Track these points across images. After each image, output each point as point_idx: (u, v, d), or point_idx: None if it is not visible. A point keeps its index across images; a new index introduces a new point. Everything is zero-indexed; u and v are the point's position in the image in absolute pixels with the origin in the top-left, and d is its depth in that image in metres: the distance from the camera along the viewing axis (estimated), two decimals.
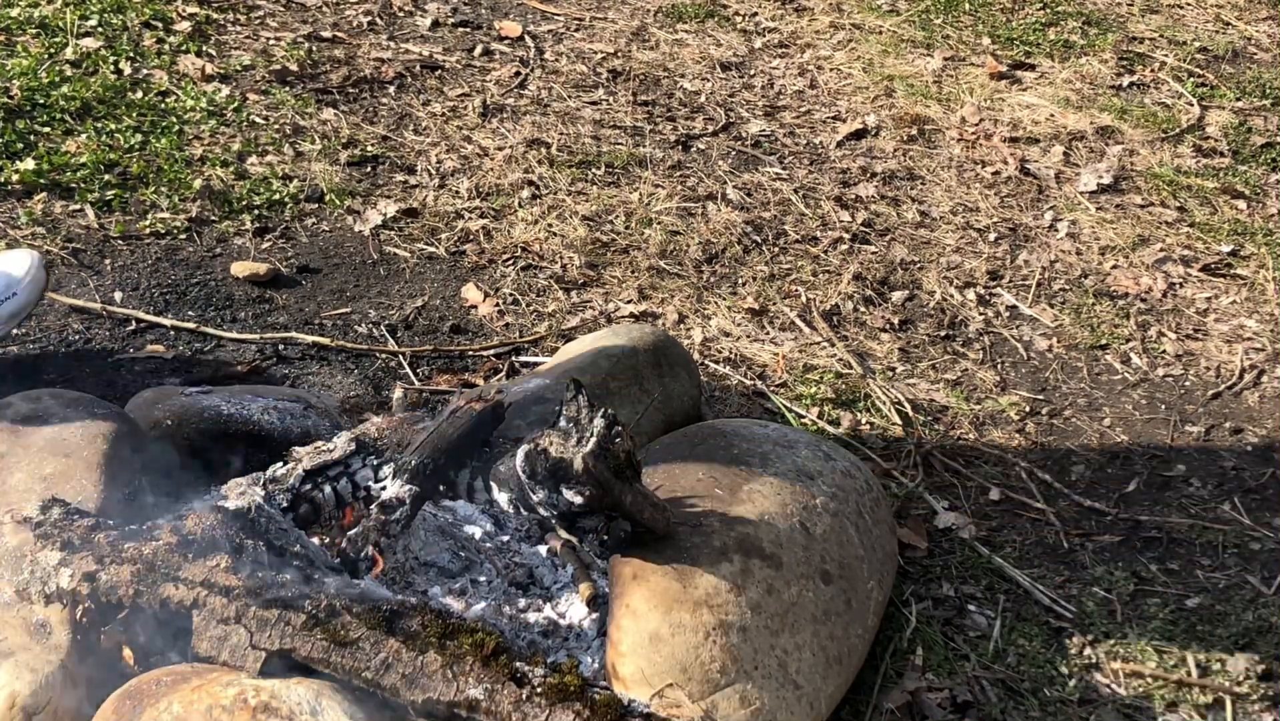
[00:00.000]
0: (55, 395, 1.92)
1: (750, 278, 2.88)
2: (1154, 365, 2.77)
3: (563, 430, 1.63)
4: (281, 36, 3.62)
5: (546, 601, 1.74)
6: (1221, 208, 3.37)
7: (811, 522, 1.80)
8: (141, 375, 2.35)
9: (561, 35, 3.94)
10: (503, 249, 2.85)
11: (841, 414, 2.49)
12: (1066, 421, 2.58)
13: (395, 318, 2.62)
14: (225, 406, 1.98)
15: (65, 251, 2.63)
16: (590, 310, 2.70)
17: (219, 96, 3.25)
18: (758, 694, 1.62)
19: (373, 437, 1.81)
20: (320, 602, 1.52)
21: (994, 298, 2.93)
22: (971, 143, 3.57)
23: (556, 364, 2.25)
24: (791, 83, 3.83)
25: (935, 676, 1.94)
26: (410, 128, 3.29)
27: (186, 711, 1.42)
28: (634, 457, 1.65)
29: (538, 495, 1.64)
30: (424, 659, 1.48)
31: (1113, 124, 3.73)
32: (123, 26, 3.49)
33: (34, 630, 1.56)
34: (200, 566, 1.54)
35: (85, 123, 3.02)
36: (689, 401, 2.27)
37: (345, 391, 2.37)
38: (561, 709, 1.44)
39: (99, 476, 1.75)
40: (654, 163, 3.28)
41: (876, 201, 3.24)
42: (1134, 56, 4.21)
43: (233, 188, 2.91)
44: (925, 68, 3.98)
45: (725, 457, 1.89)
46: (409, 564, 1.77)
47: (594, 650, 1.68)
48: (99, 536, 1.56)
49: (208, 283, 2.63)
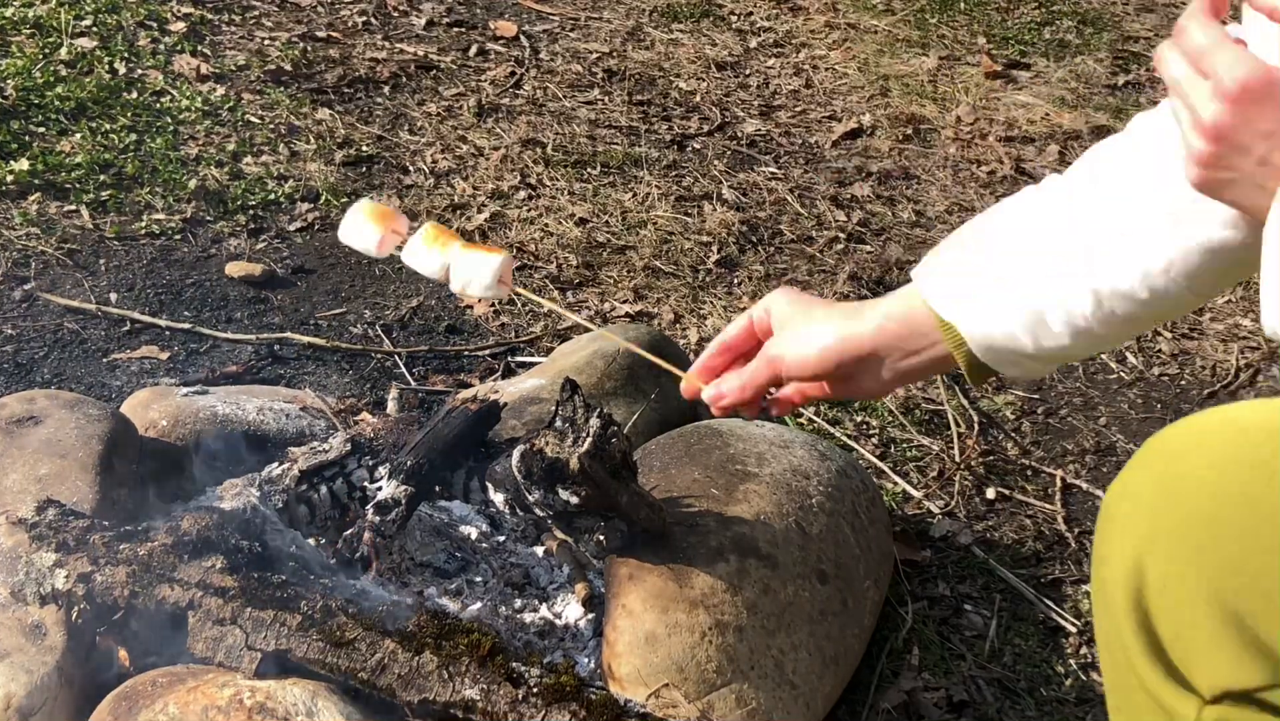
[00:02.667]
0: (50, 396, 1.92)
1: (746, 277, 2.88)
2: (1150, 364, 2.77)
3: (558, 430, 1.62)
4: (276, 36, 3.61)
5: (542, 601, 1.74)
6: None
7: (808, 522, 1.80)
8: (137, 376, 2.35)
9: (556, 35, 3.94)
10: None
11: (837, 413, 2.49)
12: (1063, 421, 2.58)
13: (391, 318, 2.62)
14: (221, 407, 1.98)
15: (60, 252, 2.63)
16: (586, 310, 2.69)
17: (214, 96, 3.24)
18: (754, 693, 1.62)
19: (368, 438, 1.80)
20: (316, 603, 1.52)
21: None
22: (967, 142, 3.57)
23: (552, 364, 2.25)
24: (787, 82, 3.84)
25: (931, 676, 1.93)
26: (405, 128, 3.29)
27: (182, 712, 1.42)
28: (630, 458, 1.65)
29: (534, 495, 1.64)
30: (420, 659, 1.48)
31: (1108, 123, 3.73)
32: (117, 26, 3.49)
33: (29, 631, 1.56)
34: (196, 567, 1.54)
35: (80, 123, 3.02)
36: (685, 401, 2.27)
37: (341, 392, 2.36)
38: (558, 709, 1.44)
39: (94, 477, 1.74)
40: (649, 162, 3.28)
41: (872, 201, 3.24)
42: (1129, 56, 4.22)
43: (228, 188, 2.91)
44: (920, 67, 3.98)
45: (721, 457, 1.88)
46: (405, 564, 1.77)
47: (590, 650, 1.68)
48: (94, 537, 1.56)
49: (203, 283, 2.63)
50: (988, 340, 1.14)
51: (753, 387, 1.25)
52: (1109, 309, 1.10)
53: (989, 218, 1.19)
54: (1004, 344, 1.14)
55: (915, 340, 1.18)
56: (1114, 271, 1.09)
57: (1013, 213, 1.17)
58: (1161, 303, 1.09)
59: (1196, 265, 1.07)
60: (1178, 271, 1.07)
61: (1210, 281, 1.09)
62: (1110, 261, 1.09)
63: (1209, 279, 1.08)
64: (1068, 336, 1.12)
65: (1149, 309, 1.10)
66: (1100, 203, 1.11)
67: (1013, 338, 1.13)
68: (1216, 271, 1.08)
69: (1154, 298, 1.09)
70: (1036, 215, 1.15)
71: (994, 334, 1.13)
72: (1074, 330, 1.11)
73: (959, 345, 1.16)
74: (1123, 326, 1.12)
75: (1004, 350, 1.14)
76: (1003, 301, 1.13)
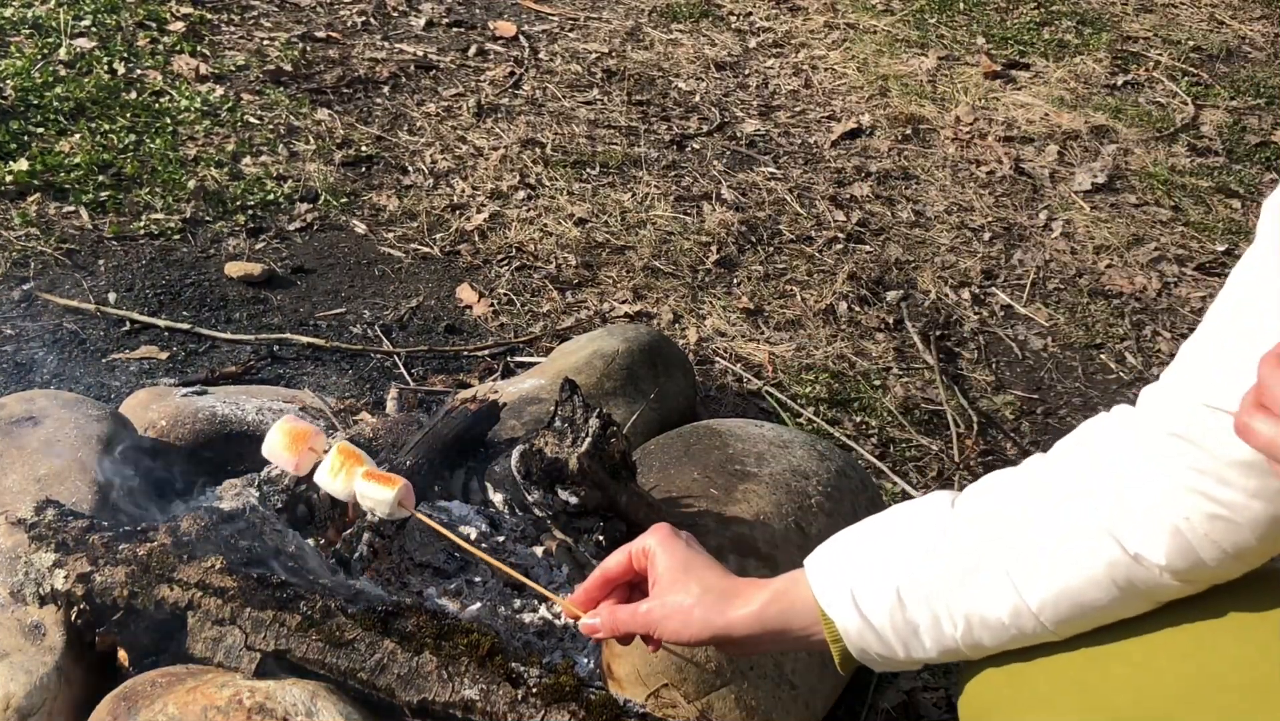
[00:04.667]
0: (50, 396, 1.91)
1: (745, 277, 2.88)
2: (1149, 364, 2.77)
3: (558, 430, 1.62)
4: (276, 37, 3.61)
5: (542, 602, 1.74)
6: (1216, 207, 3.37)
7: (807, 522, 1.80)
8: (136, 376, 2.35)
9: (556, 35, 3.94)
10: (497, 249, 2.85)
11: (837, 413, 2.49)
12: (1062, 421, 2.58)
13: (390, 318, 2.61)
14: (220, 407, 1.98)
15: (59, 252, 2.63)
16: (585, 310, 2.69)
17: (213, 97, 3.24)
18: (753, 693, 1.62)
19: (368, 438, 1.80)
20: (315, 603, 1.52)
21: (989, 297, 2.94)
22: (966, 142, 3.57)
23: (551, 364, 2.25)
24: (786, 82, 3.84)
25: (931, 676, 1.94)
26: (405, 128, 3.29)
27: (182, 712, 1.42)
28: (629, 458, 1.65)
29: (533, 495, 1.63)
30: (419, 659, 1.48)
31: (1107, 123, 3.73)
32: (117, 27, 3.49)
33: (28, 632, 1.56)
34: (195, 567, 1.54)
35: (79, 123, 3.02)
36: (684, 401, 2.27)
37: (340, 392, 2.36)
38: (557, 709, 1.44)
39: (93, 478, 1.75)
40: (649, 162, 3.28)
41: (871, 201, 3.24)
42: (1128, 56, 4.22)
43: (227, 188, 2.91)
44: (920, 67, 3.98)
45: (720, 457, 1.88)
46: (404, 564, 1.77)
47: (589, 650, 1.68)
48: (93, 538, 1.56)
49: (202, 283, 2.63)
50: (863, 645, 1.19)
51: (625, 632, 1.32)
52: (977, 637, 1.15)
53: (889, 521, 1.23)
54: (878, 650, 1.19)
55: (793, 631, 1.24)
56: (988, 602, 1.13)
57: (907, 524, 1.21)
58: (1028, 638, 1.14)
59: (1066, 613, 1.10)
60: (1048, 616, 1.11)
61: (1075, 628, 1.12)
62: (985, 593, 1.13)
63: (1077, 624, 1.12)
64: (935, 652, 1.17)
65: (1014, 643, 1.15)
66: (987, 538, 1.14)
67: (889, 647, 1.19)
68: (1085, 621, 1.11)
69: (1020, 635, 1.13)
70: (931, 532, 1.19)
71: (870, 644, 1.19)
72: (942, 649, 1.17)
73: (836, 640, 1.20)
74: (984, 652, 1.17)
75: (876, 657, 1.20)
76: (880, 608, 1.17)
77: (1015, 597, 1.11)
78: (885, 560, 1.18)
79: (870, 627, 1.17)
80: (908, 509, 1.23)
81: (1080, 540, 1.07)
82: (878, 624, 1.17)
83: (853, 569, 1.20)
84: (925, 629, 1.16)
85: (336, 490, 1.51)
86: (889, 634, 1.17)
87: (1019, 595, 1.11)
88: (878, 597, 1.17)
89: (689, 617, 1.26)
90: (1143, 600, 1.08)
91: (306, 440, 1.55)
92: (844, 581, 1.19)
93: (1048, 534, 1.09)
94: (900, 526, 1.21)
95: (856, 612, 1.17)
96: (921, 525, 1.19)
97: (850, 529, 1.25)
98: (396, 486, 1.48)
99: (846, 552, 1.22)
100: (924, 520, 1.20)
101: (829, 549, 1.24)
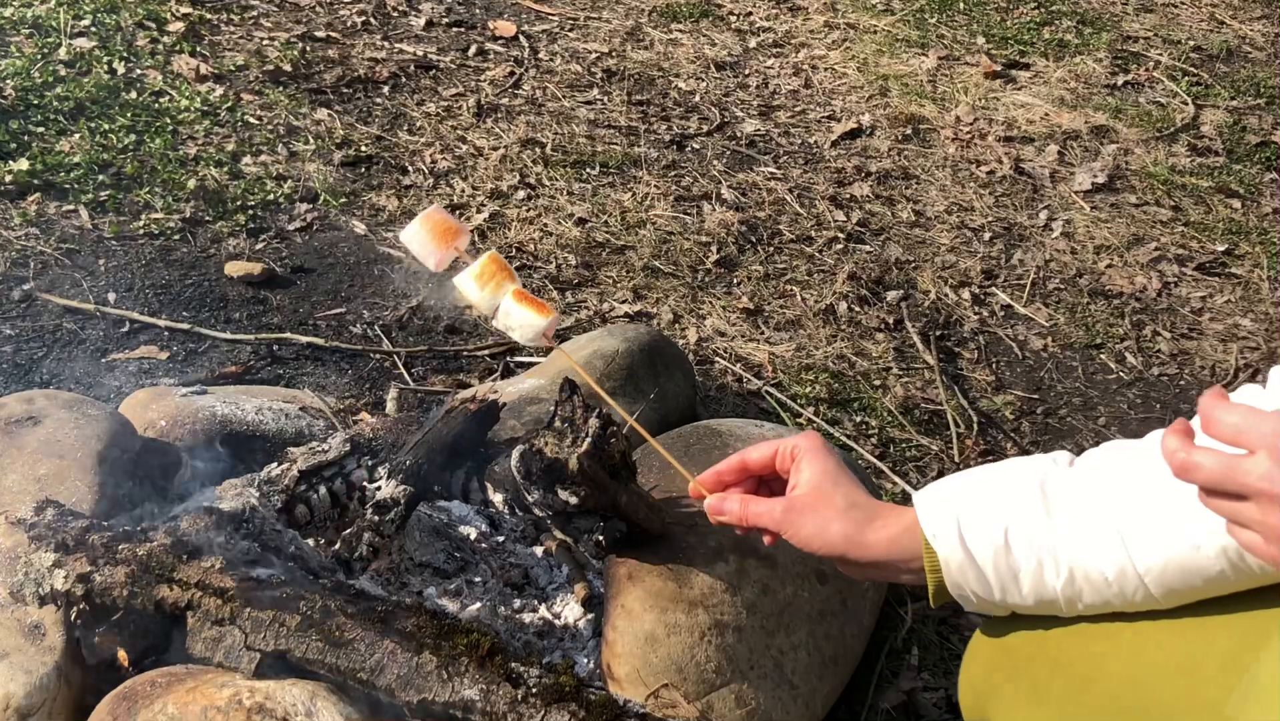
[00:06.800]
0: (49, 396, 1.91)
1: (745, 277, 2.88)
2: (1149, 364, 2.77)
3: (558, 430, 1.62)
4: (275, 36, 3.61)
5: (542, 602, 1.74)
6: (1216, 206, 3.37)
7: None
8: (135, 376, 2.35)
9: (556, 35, 3.93)
10: (497, 249, 2.85)
11: (837, 413, 2.49)
12: (1062, 421, 2.58)
13: (390, 318, 2.61)
14: (220, 407, 1.98)
15: (59, 252, 2.63)
16: (585, 310, 2.69)
17: (213, 96, 3.24)
18: (753, 693, 1.62)
19: (367, 438, 1.80)
20: (315, 603, 1.52)
21: (989, 297, 2.94)
22: (966, 142, 3.57)
23: (551, 364, 2.25)
24: (786, 82, 3.83)
25: (931, 676, 1.93)
26: (404, 128, 3.29)
27: (181, 713, 1.42)
28: (629, 458, 1.65)
29: (533, 495, 1.63)
30: (419, 659, 1.48)
31: (1107, 123, 3.73)
32: (116, 26, 3.49)
33: (28, 632, 1.56)
34: (195, 567, 1.53)
35: (79, 123, 3.02)
36: (684, 401, 2.27)
37: (340, 392, 2.36)
38: (557, 709, 1.44)
39: (93, 478, 1.74)
40: (649, 162, 3.28)
41: (871, 201, 3.24)
42: (1128, 55, 4.22)
43: (227, 188, 2.91)
44: (920, 67, 3.98)
45: (720, 457, 1.88)
46: (404, 564, 1.77)
47: (589, 650, 1.68)
48: (93, 538, 1.56)
49: (202, 283, 2.63)
50: (961, 580, 1.19)
51: (753, 525, 1.31)
52: (1078, 589, 1.15)
53: (1006, 466, 1.23)
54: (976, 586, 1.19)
55: (913, 564, 1.24)
56: (1096, 556, 1.13)
57: (1024, 471, 1.21)
58: (1128, 601, 1.14)
59: (1174, 582, 1.10)
60: (1153, 581, 1.11)
61: (1181, 597, 1.12)
62: (1095, 547, 1.13)
63: (1182, 594, 1.12)
64: (1032, 600, 1.18)
65: (1115, 603, 1.15)
66: (1105, 497, 1.14)
67: (986, 587, 1.19)
68: (1192, 590, 1.11)
69: (1121, 596, 1.13)
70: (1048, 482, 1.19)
71: (969, 580, 1.19)
72: (1039, 597, 1.17)
73: (935, 570, 1.21)
74: (1078, 609, 1.17)
75: (971, 595, 1.20)
76: (985, 544, 1.18)
77: (1124, 558, 1.10)
78: (997, 500, 1.17)
79: (973, 562, 1.16)
80: (1026, 460, 1.22)
81: (1200, 520, 1.05)
82: (981, 559, 1.16)
83: (962, 503, 1.19)
84: (1028, 572, 1.14)
85: (478, 299, 1.44)
86: (989, 572, 1.16)
87: (1128, 556, 1.10)
88: (985, 534, 1.16)
89: (827, 528, 1.25)
90: (1250, 580, 1.07)
91: (454, 237, 1.47)
92: (951, 513, 1.18)
93: (1167, 505, 1.08)
94: (1016, 472, 1.20)
95: (960, 545, 1.16)
96: (1038, 475, 1.18)
97: (965, 471, 1.25)
98: (549, 316, 1.41)
99: (958, 488, 1.22)
100: (1042, 471, 1.19)
101: (941, 483, 1.23)
